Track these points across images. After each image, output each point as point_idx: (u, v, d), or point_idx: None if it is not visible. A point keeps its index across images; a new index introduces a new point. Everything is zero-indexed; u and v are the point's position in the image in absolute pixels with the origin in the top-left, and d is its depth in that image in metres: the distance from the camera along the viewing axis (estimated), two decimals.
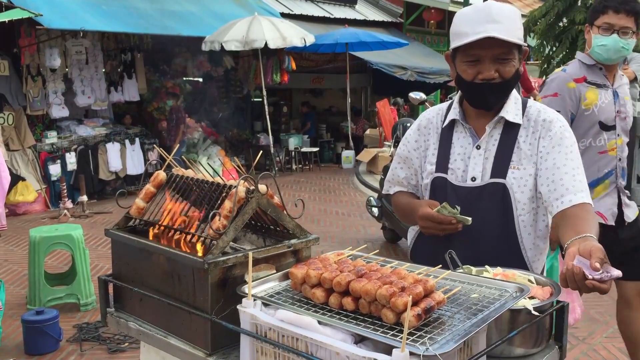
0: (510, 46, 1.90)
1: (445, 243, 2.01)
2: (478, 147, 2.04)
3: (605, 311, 4.88)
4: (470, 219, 1.93)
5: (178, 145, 10.71)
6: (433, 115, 2.19)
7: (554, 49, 14.00)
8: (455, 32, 1.96)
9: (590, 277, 1.55)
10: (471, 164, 2.03)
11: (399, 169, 2.26)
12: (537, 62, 15.71)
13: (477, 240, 2.01)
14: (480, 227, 1.99)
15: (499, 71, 1.92)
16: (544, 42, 14.06)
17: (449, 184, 2.06)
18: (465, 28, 1.91)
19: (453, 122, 2.11)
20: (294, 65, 12.33)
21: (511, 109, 2.02)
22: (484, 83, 1.93)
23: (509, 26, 1.89)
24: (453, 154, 2.07)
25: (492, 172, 2.01)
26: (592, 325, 4.61)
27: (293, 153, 13.00)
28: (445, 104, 2.21)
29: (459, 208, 1.94)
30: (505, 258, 1.95)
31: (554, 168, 1.95)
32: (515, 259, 2.01)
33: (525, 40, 13.03)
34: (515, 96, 2.05)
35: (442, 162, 2.09)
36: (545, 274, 2.16)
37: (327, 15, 14.85)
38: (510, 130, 2.02)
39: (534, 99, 2.95)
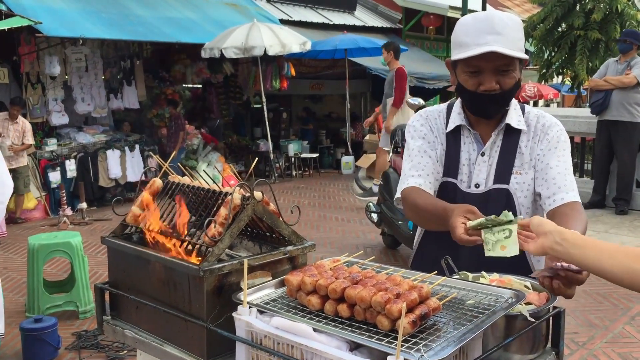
0: (512, 58, 1.91)
1: (451, 249, 1.99)
2: (482, 154, 2.05)
3: (605, 316, 4.86)
4: (510, 214, 1.66)
5: (175, 152, 10.72)
6: (435, 116, 2.16)
7: (553, 53, 14.04)
8: (457, 42, 1.96)
9: (559, 265, 1.61)
10: (475, 170, 2.05)
11: (420, 157, 2.07)
12: (536, 67, 15.75)
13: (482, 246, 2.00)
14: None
15: (499, 82, 1.93)
16: (543, 47, 14.11)
17: (458, 190, 2.06)
18: (467, 39, 1.91)
19: (459, 127, 2.11)
20: (293, 72, 12.35)
21: (514, 116, 2.05)
22: (485, 94, 1.94)
23: (511, 37, 1.89)
24: (462, 160, 2.08)
25: (495, 178, 2.03)
26: (592, 330, 4.59)
27: (293, 159, 13.00)
28: (443, 106, 2.20)
29: (508, 213, 1.68)
30: (510, 263, 1.94)
31: (547, 168, 1.99)
32: (519, 264, 2.01)
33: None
34: (514, 102, 2.07)
35: (452, 166, 2.08)
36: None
37: (326, 21, 14.88)
38: (512, 136, 2.05)
39: None
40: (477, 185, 2.04)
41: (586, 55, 12.95)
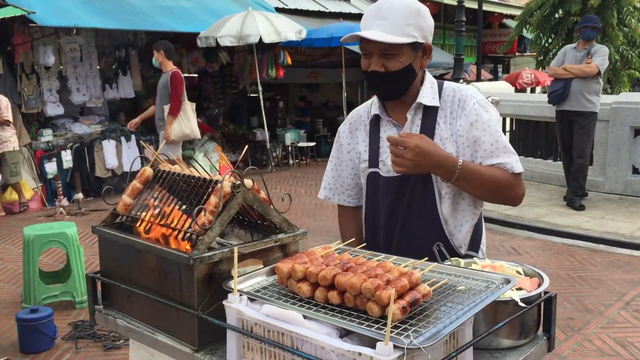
0: (395, 42, 1.91)
1: (382, 231, 2.12)
2: None
3: (600, 301, 4.88)
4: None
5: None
6: (361, 113, 2.23)
7: (550, 40, 14.00)
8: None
9: None
10: None
11: (331, 170, 2.29)
12: (534, 54, 15.68)
13: (409, 227, 2.07)
14: (407, 214, 2.05)
15: (385, 65, 1.95)
16: (540, 34, 14.06)
17: (380, 177, 2.10)
18: (362, 22, 1.99)
19: (378, 117, 2.14)
20: (289, 60, 12.29)
21: (427, 94, 2.05)
22: (373, 73, 1.97)
23: (394, 23, 1.91)
24: (382, 147, 2.10)
25: None
26: (587, 315, 4.61)
27: (290, 148, 12.98)
28: (370, 101, 2.22)
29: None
30: (428, 234, 2.01)
31: (479, 142, 1.99)
32: (439, 237, 2.03)
33: (520, 32, 12.83)
34: (430, 80, 2.08)
35: (373, 156, 2.12)
36: None
37: (322, 9, 14.80)
38: (429, 115, 2.05)
39: None
40: None
41: None
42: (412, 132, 2.05)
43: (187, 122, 7.88)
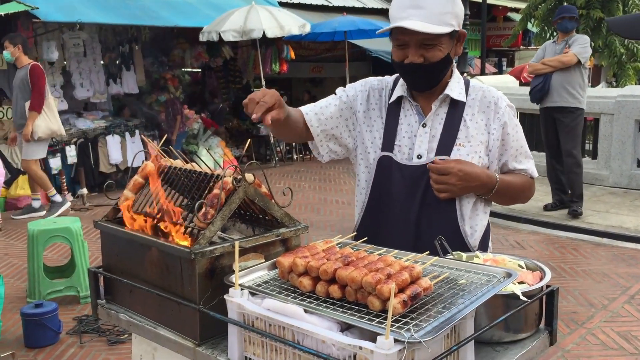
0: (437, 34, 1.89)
1: (389, 222, 2.06)
2: (424, 125, 2.05)
3: (604, 295, 4.87)
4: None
5: (174, 137, 10.68)
6: (382, 87, 2.17)
7: (555, 34, 13.92)
8: (389, 15, 1.97)
9: None
10: (417, 142, 2.04)
11: (332, 106, 2.15)
12: (539, 47, 15.62)
13: (423, 220, 2.02)
14: (422, 206, 2.01)
15: (424, 56, 1.92)
16: (545, 28, 13.99)
17: (394, 163, 2.05)
18: (393, 12, 1.93)
19: (400, 99, 2.10)
20: (292, 55, 12.27)
21: (455, 87, 2.04)
22: (411, 65, 1.94)
23: (433, 11, 1.87)
24: (400, 132, 2.07)
25: (437, 149, 2.02)
26: (591, 309, 4.60)
27: (293, 143, 12.97)
28: (391, 78, 2.18)
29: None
30: (443, 232, 1.96)
31: (502, 147, 2.07)
32: (454, 234, 2.02)
33: (525, 26, 12.74)
34: (457, 75, 2.07)
35: (389, 140, 2.07)
36: None
37: (325, 3, 14.75)
38: (456, 109, 2.04)
39: None
40: (419, 157, 2.03)
41: (588, 35, 12.82)
42: (436, 124, 2.04)
43: (52, 117, 7.51)
